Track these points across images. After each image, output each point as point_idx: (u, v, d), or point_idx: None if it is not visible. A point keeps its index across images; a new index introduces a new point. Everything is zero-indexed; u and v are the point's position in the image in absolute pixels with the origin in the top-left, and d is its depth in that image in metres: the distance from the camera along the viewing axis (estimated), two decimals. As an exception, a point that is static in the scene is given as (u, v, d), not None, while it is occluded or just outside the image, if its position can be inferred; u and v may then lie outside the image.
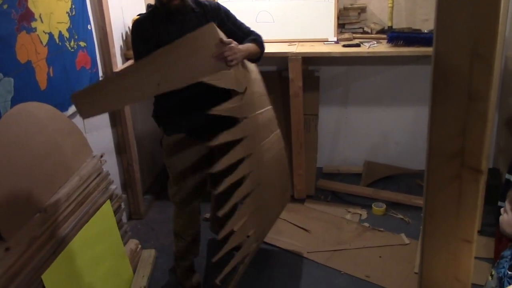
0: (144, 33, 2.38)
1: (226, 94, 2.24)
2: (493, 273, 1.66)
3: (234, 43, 2.15)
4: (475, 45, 0.78)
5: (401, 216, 3.24)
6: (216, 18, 2.41)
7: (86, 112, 2.22)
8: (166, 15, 2.36)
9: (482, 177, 0.86)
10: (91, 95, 2.18)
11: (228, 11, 2.50)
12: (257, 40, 2.43)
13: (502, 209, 1.68)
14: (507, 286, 1.55)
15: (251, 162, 2.25)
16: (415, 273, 2.72)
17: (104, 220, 2.56)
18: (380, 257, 2.88)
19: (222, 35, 2.15)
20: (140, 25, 2.42)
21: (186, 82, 2.17)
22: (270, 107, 2.60)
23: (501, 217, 1.67)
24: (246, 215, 2.26)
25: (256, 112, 2.37)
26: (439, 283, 0.96)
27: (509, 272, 1.57)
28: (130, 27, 3.30)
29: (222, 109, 2.12)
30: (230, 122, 2.47)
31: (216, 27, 2.12)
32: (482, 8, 0.76)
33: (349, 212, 3.33)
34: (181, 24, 2.36)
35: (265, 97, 2.59)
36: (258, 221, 2.36)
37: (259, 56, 2.44)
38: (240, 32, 2.45)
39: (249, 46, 2.32)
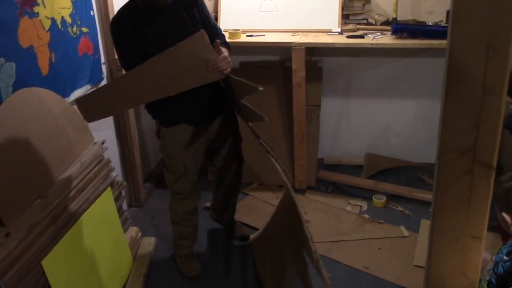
0: (124, 32, 2.27)
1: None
2: (493, 258, 1.69)
3: (226, 53, 2.20)
4: (490, 39, 0.77)
5: (401, 209, 3.24)
6: (194, 5, 2.37)
7: (89, 117, 2.37)
8: (147, 11, 2.27)
9: (493, 173, 0.85)
10: (94, 100, 2.33)
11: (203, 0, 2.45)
12: (226, 42, 2.45)
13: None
14: (500, 270, 1.57)
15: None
16: (414, 266, 2.72)
17: (105, 207, 2.56)
18: (379, 249, 2.89)
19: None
20: (118, 26, 2.30)
21: (179, 90, 2.25)
22: None
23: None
24: None
25: None
26: (447, 279, 0.96)
27: (506, 257, 1.59)
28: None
29: None
30: (227, 106, 2.47)
31: (205, 34, 2.13)
32: (499, 1, 0.74)
33: (349, 203, 3.33)
34: (160, 15, 2.28)
35: None
36: None
37: None
38: (209, 24, 2.43)
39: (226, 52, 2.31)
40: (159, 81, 2.23)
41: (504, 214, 1.64)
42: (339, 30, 3.25)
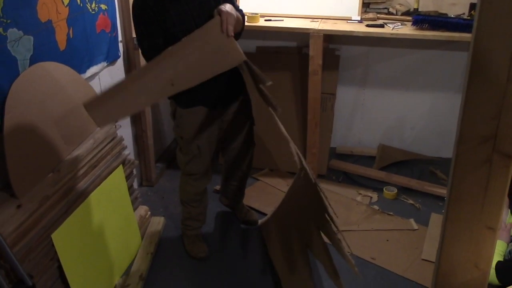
0: (148, 12, 2.23)
1: None
2: None
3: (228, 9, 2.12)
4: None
5: (412, 202, 3.22)
6: None
7: (100, 121, 2.19)
8: None
9: (512, 163, 0.84)
10: (103, 103, 2.14)
11: None
12: (242, 14, 2.36)
13: None
14: None
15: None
16: (422, 259, 2.71)
17: (116, 184, 2.57)
18: (387, 240, 2.88)
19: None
20: (142, 4, 2.24)
21: (200, 80, 2.16)
22: None
23: None
24: None
25: None
26: (457, 270, 0.95)
27: None
28: None
29: None
30: (242, 90, 2.46)
31: (219, 21, 2.08)
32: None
33: (359, 194, 3.32)
34: (178, 6, 2.25)
35: None
36: None
37: (240, 31, 2.35)
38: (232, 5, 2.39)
39: (236, 13, 2.21)
40: (178, 71, 2.12)
41: None
42: (358, 18, 3.21)
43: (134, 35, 2.96)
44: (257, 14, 3.22)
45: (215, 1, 2.29)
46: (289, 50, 3.62)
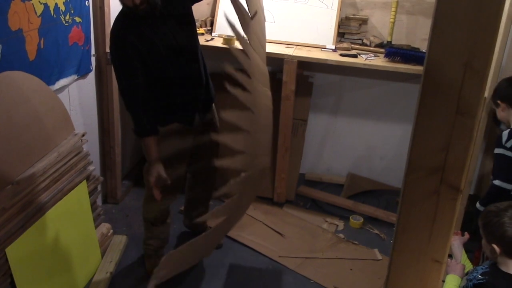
0: (127, 50, 2.21)
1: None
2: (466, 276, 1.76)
3: None
4: (469, 57, 0.76)
5: (377, 232, 3.22)
6: (182, 2, 2.38)
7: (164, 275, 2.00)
8: (140, 21, 2.23)
9: (460, 196, 0.84)
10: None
11: None
12: None
13: None
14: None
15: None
16: (384, 290, 2.71)
17: (78, 200, 2.52)
18: (351, 269, 2.86)
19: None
20: (121, 42, 2.23)
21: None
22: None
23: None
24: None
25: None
26: (404, 301, 0.94)
27: (480, 276, 1.65)
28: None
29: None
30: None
31: None
32: (481, 20, 0.74)
33: (326, 221, 3.31)
34: (156, 28, 2.26)
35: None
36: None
37: None
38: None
39: None
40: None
41: (494, 246, 1.68)
42: (333, 47, 3.26)
43: (107, 50, 2.94)
44: (233, 37, 3.24)
45: (190, 16, 2.36)
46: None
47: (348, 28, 3.39)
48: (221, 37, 3.29)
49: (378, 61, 3.10)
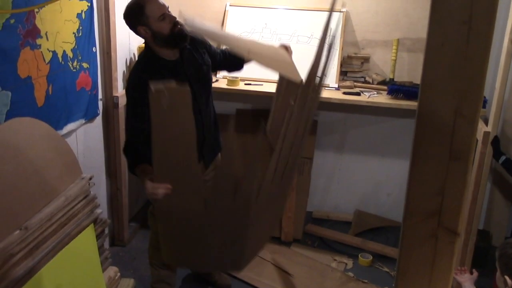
0: (143, 93, 2.09)
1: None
2: None
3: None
4: (459, 105, 0.78)
5: (387, 270, 3.19)
6: (204, 47, 2.49)
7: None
8: (162, 66, 2.30)
9: (457, 239, 0.84)
10: None
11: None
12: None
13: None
14: None
15: None
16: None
17: (86, 244, 2.52)
18: (361, 309, 2.83)
19: None
20: (139, 84, 2.21)
21: (268, 65, 2.30)
22: None
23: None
24: None
25: None
26: None
27: None
28: (135, 55, 3.34)
29: None
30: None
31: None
32: (468, 69, 0.76)
33: (335, 260, 3.29)
34: (181, 63, 2.34)
35: None
36: None
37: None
38: (220, 55, 2.61)
39: None
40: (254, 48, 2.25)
41: (507, 277, 1.69)
42: (336, 85, 3.30)
43: (114, 94, 3.00)
44: (237, 78, 3.30)
45: (207, 66, 2.42)
46: (268, 113, 3.67)
47: (350, 67, 3.44)
48: (226, 78, 3.34)
49: (381, 98, 3.14)
